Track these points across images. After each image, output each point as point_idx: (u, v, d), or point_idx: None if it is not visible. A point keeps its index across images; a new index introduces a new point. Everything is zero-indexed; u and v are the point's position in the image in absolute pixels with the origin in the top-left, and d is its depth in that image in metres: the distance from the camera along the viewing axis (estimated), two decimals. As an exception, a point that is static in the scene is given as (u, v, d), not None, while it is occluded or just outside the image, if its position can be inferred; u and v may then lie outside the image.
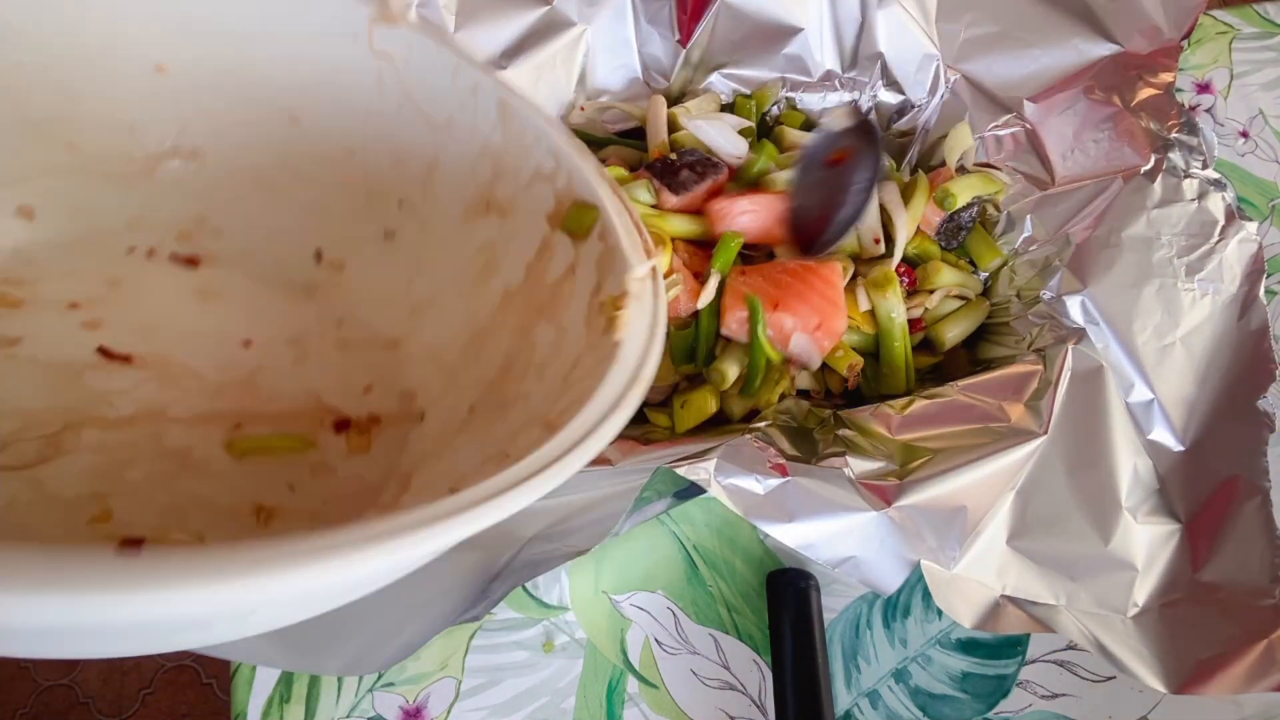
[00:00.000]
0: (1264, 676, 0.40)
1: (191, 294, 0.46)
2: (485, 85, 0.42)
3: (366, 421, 0.43)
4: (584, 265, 0.39)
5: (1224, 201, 0.52)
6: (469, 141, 0.43)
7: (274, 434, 0.41)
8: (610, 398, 0.32)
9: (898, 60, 0.61)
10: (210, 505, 0.39)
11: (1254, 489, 0.45)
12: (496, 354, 0.41)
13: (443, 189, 0.44)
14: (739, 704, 0.50)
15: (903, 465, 0.45)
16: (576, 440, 0.30)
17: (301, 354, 0.45)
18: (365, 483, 0.41)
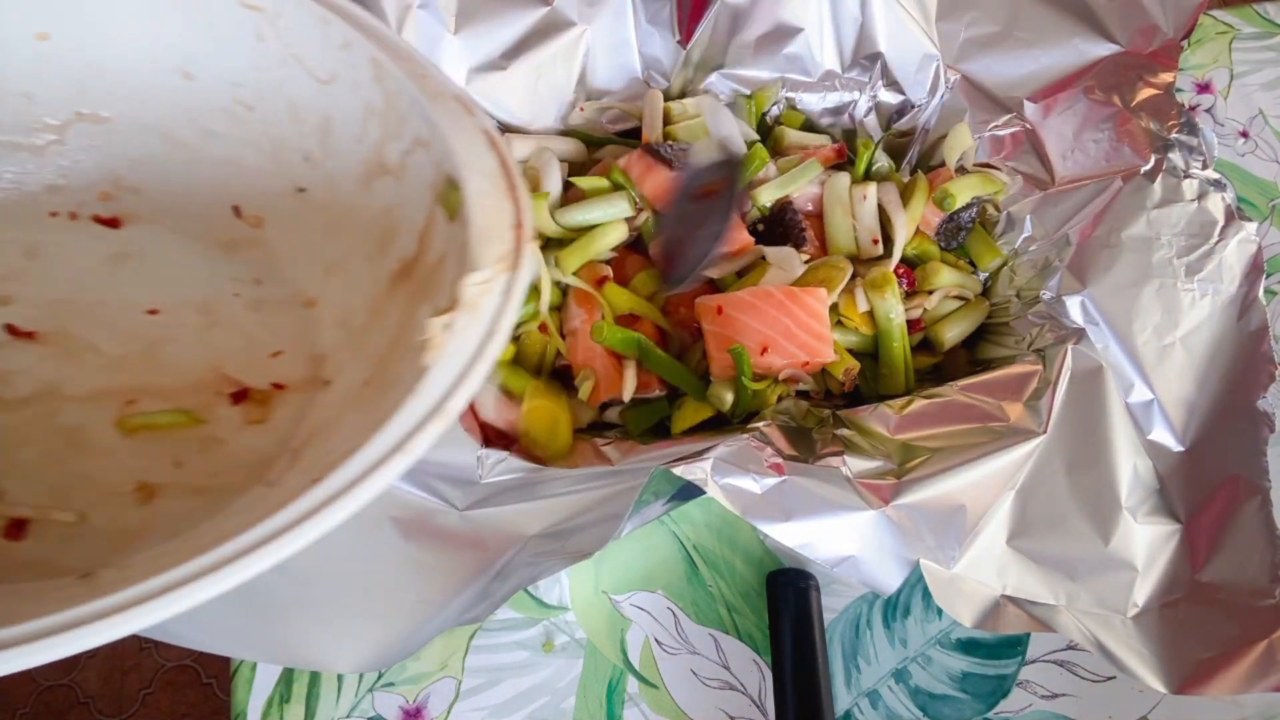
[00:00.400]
0: (1264, 677, 0.40)
1: (108, 259, 0.46)
2: (356, 41, 0.41)
3: (269, 390, 0.43)
4: (452, 250, 0.37)
5: (1224, 202, 0.52)
6: (353, 99, 0.43)
7: (164, 410, 0.42)
8: (397, 435, 0.30)
9: (898, 60, 0.61)
10: (95, 484, 0.39)
11: (1254, 489, 0.45)
12: (389, 328, 0.41)
13: (340, 145, 0.44)
14: (739, 704, 0.50)
15: (901, 465, 0.45)
16: (334, 494, 0.28)
17: (210, 320, 0.45)
18: (259, 454, 0.41)
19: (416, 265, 0.41)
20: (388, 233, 0.43)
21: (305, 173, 0.46)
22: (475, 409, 0.49)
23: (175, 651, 1.14)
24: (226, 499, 0.38)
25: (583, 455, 0.49)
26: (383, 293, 0.42)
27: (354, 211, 0.45)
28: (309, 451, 0.39)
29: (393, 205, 0.43)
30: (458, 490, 0.46)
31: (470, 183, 0.37)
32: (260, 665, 0.49)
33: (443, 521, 0.45)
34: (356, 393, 0.40)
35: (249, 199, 0.48)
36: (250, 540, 0.27)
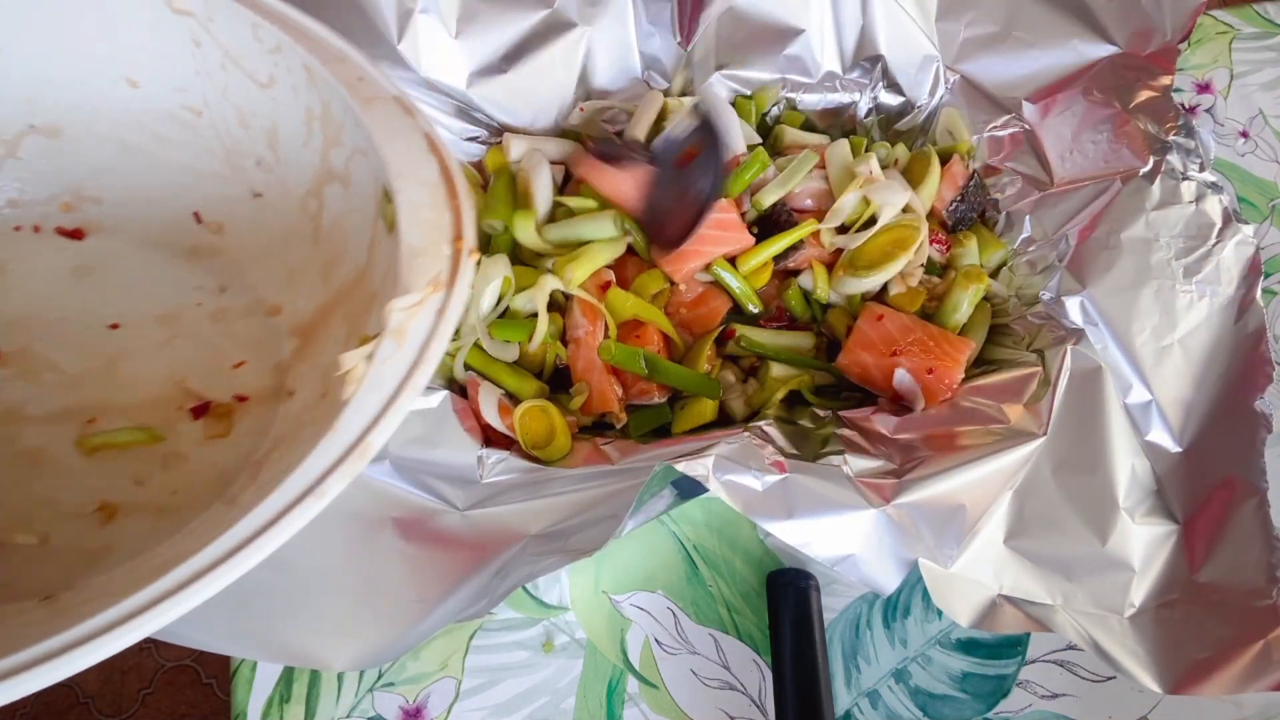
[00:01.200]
0: (1261, 676, 0.40)
1: (71, 273, 0.46)
2: (287, 46, 0.40)
3: (230, 403, 0.43)
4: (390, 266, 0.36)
5: (1221, 204, 0.52)
6: (295, 103, 0.42)
7: (124, 428, 0.41)
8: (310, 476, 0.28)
9: (898, 61, 0.61)
10: (56, 505, 0.39)
11: (1251, 490, 0.45)
12: (340, 341, 0.40)
13: (289, 150, 0.44)
14: (739, 704, 0.50)
15: (901, 464, 0.46)
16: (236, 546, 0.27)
17: (172, 332, 0.45)
18: (219, 470, 0.41)
19: (367, 277, 0.40)
20: (340, 241, 0.43)
21: (260, 178, 0.46)
22: (476, 410, 0.49)
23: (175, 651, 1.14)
24: (187, 517, 0.38)
25: (583, 455, 0.49)
26: (336, 303, 0.42)
27: (308, 218, 0.45)
28: (269, 467, 0.38)
29: (343, 213, 0.42)
30: (458, 490, 0.46)
31: (404, 194, 0.35)
32: (260, 665, 0.49)
33: (443, 521, 0.45)
34: (315, 404, 0.39)
35: (209, 205, 0.48)
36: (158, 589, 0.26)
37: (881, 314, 0.52)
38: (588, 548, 0.40)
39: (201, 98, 0.45)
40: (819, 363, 0.53)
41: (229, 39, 0.42)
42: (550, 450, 0.48)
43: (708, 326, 0.54)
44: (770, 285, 0.55)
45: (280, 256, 0.46)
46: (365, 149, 0.38)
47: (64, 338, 0.44)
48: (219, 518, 0.34)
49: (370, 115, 0.38)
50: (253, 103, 0.44)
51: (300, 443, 0.36)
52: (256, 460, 0.40)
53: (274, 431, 0.42)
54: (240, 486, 0.39)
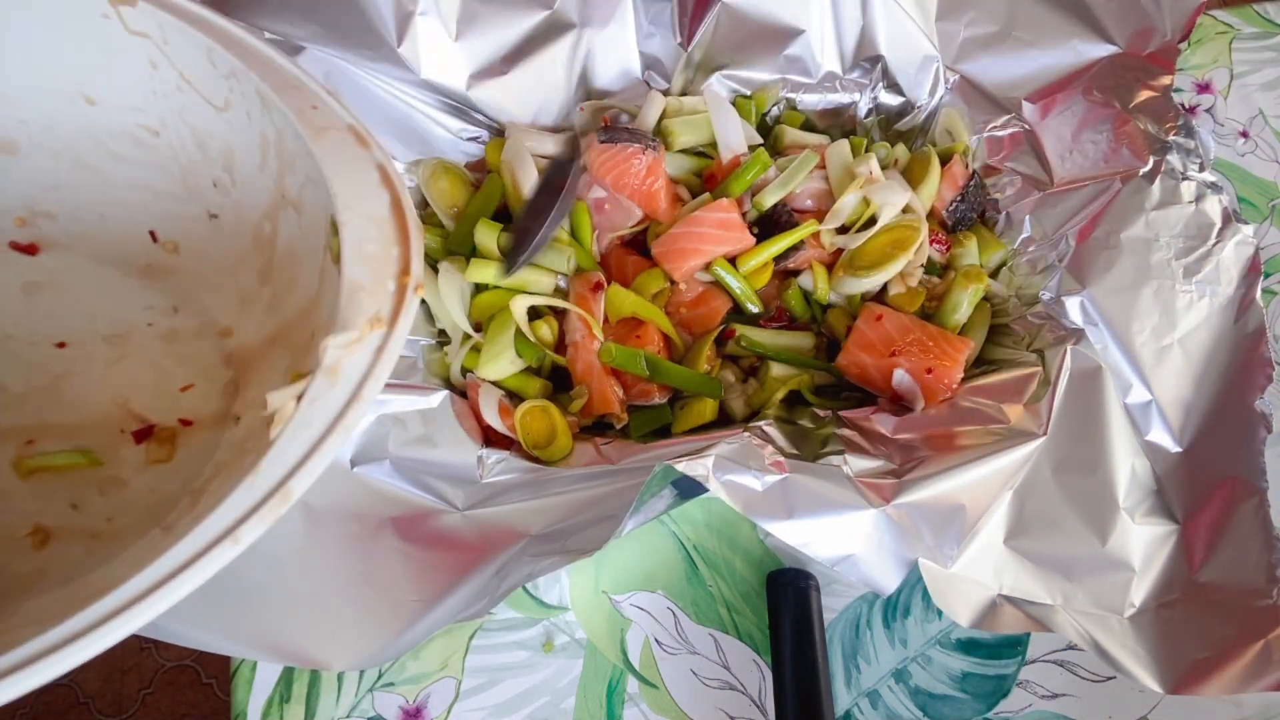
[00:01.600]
0: (1261, 676, 0.40)
1: (22, 289, 0.45)
2: (240, 71, 0.39)
3: (175, 427, 0.42)
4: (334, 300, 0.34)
5: (1220, 204, 0.52)
6: (249, 128, 0.41)
7: (63, 450, 0.41)
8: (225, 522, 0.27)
9: (898, 61, 0.61)
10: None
11: (1251, 489, 0.45)
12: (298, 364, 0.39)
13: (244, 173, 0.44)
14: (739, 704, 0.50)
15: (901, 464, 0.46)
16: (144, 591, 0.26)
17: (120, 353, 0.45)
18: (159, 496, 0.40)
19: (316, 308, 0.39)
20: (292, 268, 0.42)
21: (216, 199, 0.46)
22: (477, 411, 0.49)
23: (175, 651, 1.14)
24: (122, 544, 0.37)
25: (583, 454, 0.49)
26: (285, 331, 0.42)
27: (263, 243, 0.44)
28: (208, 495, 0.37)
29: (296, 240, 0.42)
30: (458, 490, 0.46)
31: (350, 227, 0.34)
32: (260, 665, 0.49)
33: (443, 521, 0.45)
34: (259, 433, 0.37)
35: (164, 224, 0.47)
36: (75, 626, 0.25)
37: (880, 314, 0.52)
38: (588, 547, 0.40)
39: (159, 118, 0.44)
40: (819, 363, 0.53)
41: (184, 62, 0.41)
42: (551, 450, 0.48)
43: (707, 326, 0.54)
44: (770, 285, 0.55)
45: (234, 279, 0.46)
46: (315, 179, 0.38)
47: (9, 355, 0.43)
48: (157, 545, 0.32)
49: (321, 145, 0.37)
50: (209, 125, 0.43)
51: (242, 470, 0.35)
52: (197, 488, 0.40)
53: (217, 457, 0.41)
54: (180, 513, 0.38)
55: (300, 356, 0.39)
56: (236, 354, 0.45)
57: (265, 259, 0.44)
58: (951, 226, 0.58)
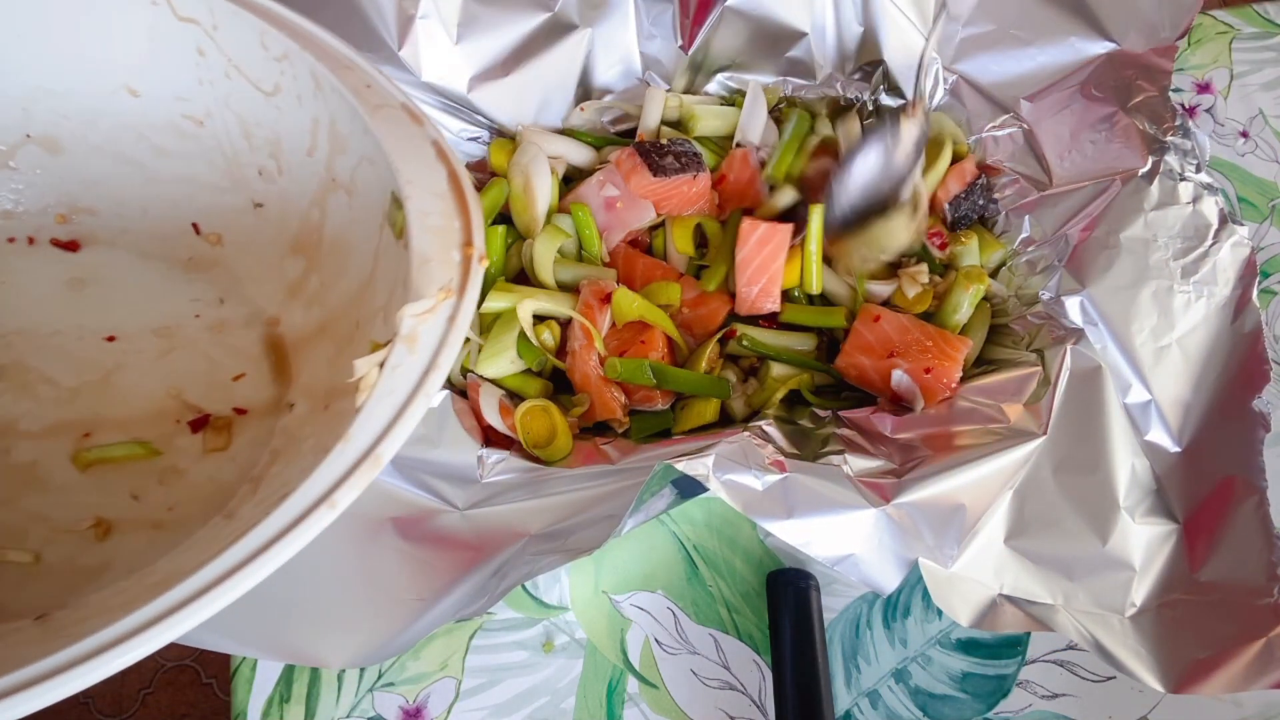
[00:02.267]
0: (1261, 674, 0.40)
1: (67, 285, 0.45)
2: (294, 53, 0.39)
3: (230, 416, 0.42)
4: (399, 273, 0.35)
5: (1218, 205, 0.52)
6: (299, 112, 0.42)
7: (120, 442, 0.41)
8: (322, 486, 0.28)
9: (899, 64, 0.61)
10: (50, 522, 0.38)
11: (1251, 489, 0.45)
12: (356, 346, 0.39)
13: (292, 160, 0.43)
14: (739, 704, 0.50)
15: (901, 464, 0.46)
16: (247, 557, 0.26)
17: (170, 344, 0.45)
18: (218, 484, 0.40)
19: (373, 285, 0.39)
20: (343, 252, 0.42)
21: (261, 188, 0.46)
22: (477, 411, 0.49)
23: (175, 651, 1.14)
24: (185, 532, 0.37)
25: (583, 455, 0.49)
26: (345, 311, 0.42)
27: (311, 229, 0.44)
28: (268, 481, 0.38)
29: (348, 222, 0.42)
30: (458, 490, 0.46)
31: (413, 201, 0.35)
32: (260, 665, 0.49)
33: (443, 521, 0.45)
34: (317, 417, 0.39)
35: (207, 216, 0.47)
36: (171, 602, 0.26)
37: (878, 315, 0.52)
38: (588, 546, 0.40)
39: (203, 108, 0.44)
40: (819, 364, 0.53)
41: (234, 47, 0.41)
42: (551, 450, 0.48)
43: (709, 327, 0.54)
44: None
45: (279, 268, 0.46)
46: (373, 157, 0.38)
47: (59, 351, 0.43)
48: (220, 532, 0.34)
49: (378, 123, 0.37)
50: (256, 112, 0.43)
51: (300, 456, 0.36)
52: (255, 475, 0.40)
53: (273, 444, 0.41)
54: (239, 500, 0.39)
55: (363, 334, 0.39)
56: (285, 342, 0.45)
57: (312, 246, 0.44)
58: (951, 223, 0.58)
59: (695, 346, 0.54)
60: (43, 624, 0.32)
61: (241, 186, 0.46)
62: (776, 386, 0.52)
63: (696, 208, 0.56)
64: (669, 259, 0.56)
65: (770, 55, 0.61)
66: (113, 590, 0.34)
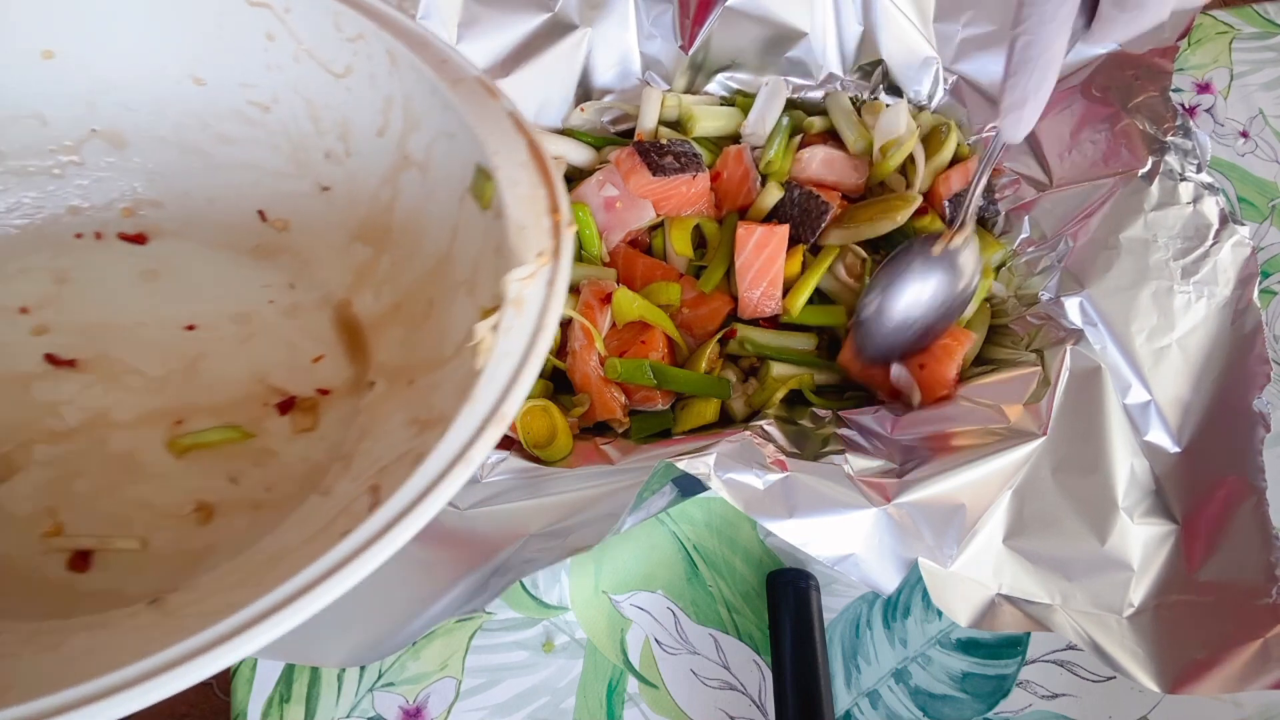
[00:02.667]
0: (1259, 675, 0.40)
1: (139, 277, 0.45)
2: (371, 32, 0.40)
3: (314, 397, 0.43)
4: (489, 242, 0.36)
5: (1218, 205, 0.52)
6: (371, 91, 0.42)
7: (214, 427, 0.41)
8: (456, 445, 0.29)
9: (899, 64, 0.61)
10: (153, 508, 0.39)
11: (1250, 489, 0.45)
12: (435, 325, 0.40)
13: (362, 140, 0.44)
14: (739, 704, 0.50)
15: (902, 464, 0.46)
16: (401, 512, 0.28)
17: (248, 330, 0.45)
18: (311, 464, 0.41)
19: (451, 260, 0.40)
20: (418, 227, 0.42)
21: (328, 171, 0.46)
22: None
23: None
24: (284, 511, 0.38)
25: (583, 455, 0.49)
26: (418, 289, 0.42)
27: (382, 207, 0.44)
28: (360, 458, 0.39)
29: (422, 199, 0.42)
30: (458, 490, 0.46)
31: (503, 171, 0.36)
32: (260, 665, 0.49)
33: (443, 520, 0.45)
34: (401, 393, 0.40)
35: (273, 202, 0.47)
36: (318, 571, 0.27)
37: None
38: (587, 543, 0.40)
39: (270, 93, 0.44)
40: (820, 360, 0.54)
41: (306, 29, 0.42)
42: (551, 450, 0.49)
43: (709, 327, 0.54)
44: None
45: (348, 251, 0.46)
46: (453, 132, 0.39)
47: (141, 341, 0.43)
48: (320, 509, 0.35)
49: (458, 97, 0.38)
50: (325, 94, 0.43)
51: (391, 431, 0.37)
52: (346, 452, 0.40)
53: (359, 422, 0.41)
54: (334, 478, 0.39)
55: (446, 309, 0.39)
56: (359, 322, 0.45)
57: (382, 227, 0.44)
58: (949, 220, 0.58)
59: (695, 346, 0.54)
60: (158, 607, 0.33)
61: (307, 170, 0.46)
62: (777, 386, 0.52)
63: (696, 208, 0.56)
64: (669, 259, 0.56)
65: (770, 55, 0.61)
66: (223, 571, 0.35)
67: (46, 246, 0.45)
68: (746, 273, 0.53)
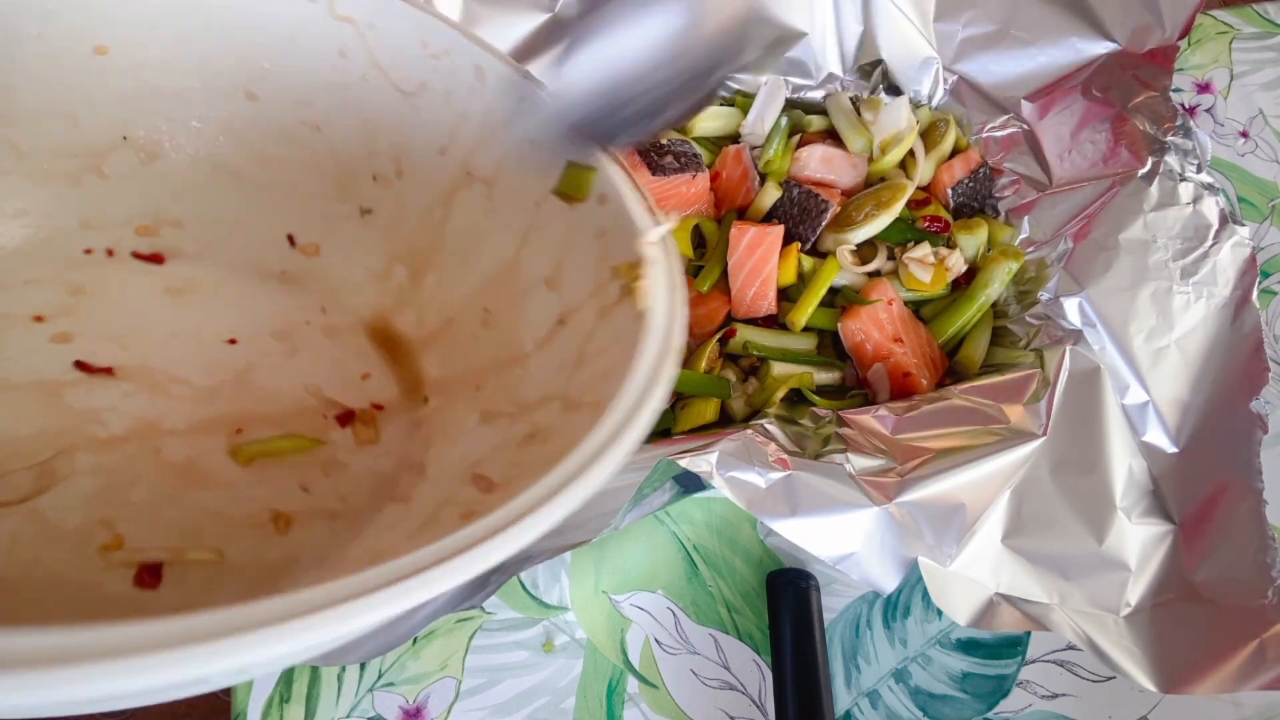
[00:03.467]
0: (1256, 675, 0.40)
1: (162, 293, 0.43)
2: (459, 48, 0.40)
3: (371, 410, 0.41)
4: (583, 232, 0.37)
5: (1218, 206, 0.52)
6: (443, 109, 0.41)
7: (280, 436, 0.39)
8: (646, 371, 0.30)
9: (899, 64, 0.61)
10: (224, 517, 0.36)
11: (1247, 490, 0.45)
12: (498, 330, 0.40)
13: (415, 162, 0.43)
14: (739, 704, 0.50)
15: (903, 463, 0.46)
16: (622, 423, 0.28)
17: (291, 346, 0.43)
18: (380, 475, 0.39)
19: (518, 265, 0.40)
20: (473, 242, 0.42)
21: (372, 194, 0.44)
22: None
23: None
24: (363, 521, 0.37)
25: (583, 456, 0.49)
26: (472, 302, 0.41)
27: (431, 228, 0.43)
28: (433, 464, 0.38)
29: (481, 214, 0.41)
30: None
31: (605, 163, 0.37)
32: (262, 664, 0.49)
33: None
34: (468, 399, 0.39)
35: (306, 226, 0.45)
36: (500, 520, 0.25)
37: (892, 299, 0.53)
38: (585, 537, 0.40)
39: (324, 112, 0.42)
40: (820, 358, 0.54)
41: (386, 46, 0.40)
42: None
43: (708, 326, 0.54)
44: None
45: (388, 273, 0.44)
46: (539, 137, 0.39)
47: (182, 353, 0.41)
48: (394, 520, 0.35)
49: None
50: (387, 114, 0.42)
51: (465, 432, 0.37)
52: (416, 461, 0.39)
53: (421, 434, 0.40)
54: (408, 486, 0.38)
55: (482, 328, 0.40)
56: (404, 341, 0.44)
57: (429, 247, 0.43)
58: (954, 210, 0.58)
59: (695, 346, 0.54)
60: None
61: (350, 193, 0.44)
62: (777, 386, 0.52)
63: (695, 208, 0.56)
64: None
65: (770, 55, 0.61)
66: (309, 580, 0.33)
67: (54, 259, 0.42)
68: (739, 273, 0.53)
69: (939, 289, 0.55)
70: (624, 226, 0.36)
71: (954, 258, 0.55)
